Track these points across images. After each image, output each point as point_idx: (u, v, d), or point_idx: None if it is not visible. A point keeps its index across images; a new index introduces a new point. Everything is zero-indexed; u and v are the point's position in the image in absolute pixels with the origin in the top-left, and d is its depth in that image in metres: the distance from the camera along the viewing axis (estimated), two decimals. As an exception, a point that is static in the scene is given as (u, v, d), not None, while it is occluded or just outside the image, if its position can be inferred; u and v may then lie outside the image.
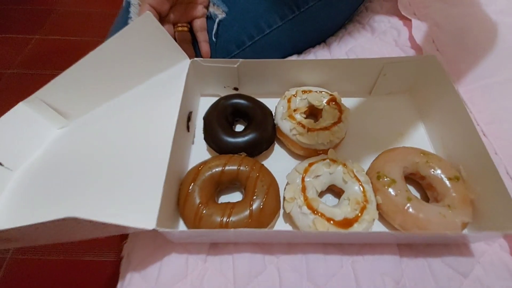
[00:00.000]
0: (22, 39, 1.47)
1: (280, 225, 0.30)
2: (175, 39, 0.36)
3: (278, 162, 0.34)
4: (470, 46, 0.43)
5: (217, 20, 0.38)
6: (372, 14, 0.52)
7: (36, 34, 1.49)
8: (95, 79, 0.32)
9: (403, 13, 0.48)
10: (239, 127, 0.38)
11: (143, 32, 0.30)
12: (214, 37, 0.38)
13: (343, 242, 0.29)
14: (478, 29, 0.44)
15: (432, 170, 0.30)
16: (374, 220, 0.28)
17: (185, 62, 0.34)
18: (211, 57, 0.39)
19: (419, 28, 0.46)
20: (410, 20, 0.47)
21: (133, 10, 0.49)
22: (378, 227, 0.30)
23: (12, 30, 1.52)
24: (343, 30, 0.51)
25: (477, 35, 0.44)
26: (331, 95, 0.35)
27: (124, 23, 0.49)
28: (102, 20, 1.56)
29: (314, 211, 0.27)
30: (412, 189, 0.32)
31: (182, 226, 0.29)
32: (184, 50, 0.34)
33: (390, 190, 0.29)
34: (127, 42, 0.31)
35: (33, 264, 0.80)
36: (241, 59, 0.34)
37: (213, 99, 0.36)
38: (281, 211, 0.30)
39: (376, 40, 0.48)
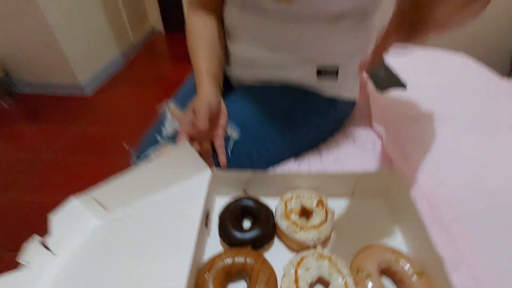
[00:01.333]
0: (63, 129, 1.70)
1: (278, 313, 0.36)
2: (199, 152, 0.48)
3: (277, 255, 0.42)
4: (435, 158, 0.54)
5: (233, 141, 0.51)
6: (353, 127, 0.66)
7: (76, 126, 1.74)
8: (137, 181, 0.44)
9: (375, 129, 0.62)
10: (246, 222, 0.47)
11: (179, 154, 0.43)
12: (230, 153, 0.51)
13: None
14: (439, 143, 0.56)
15: (402, 266, 0.37)
16: (356, 310, 0.33)
17: (208, 172, 0.46)
18: (227, 167, 0.51)
19: (389, 141, 0.58)
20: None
21: (167, 123, 0.64)
22: (362, 317, 0.35)
23: (52, 120, 1.77)
24: (331, 138, 0.65)
25: (439, 147, 0.56)
26: (320, 198, 0.45)
27: (158, 131, 0.64)
28: (131, 115, 1.83)
29: (305, 300, 0.33)
30: (388, 282, 0.38)
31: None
32: (207, 160, 0.47)
33: (368, 282, 0.35)
34: (167, 161, 0.43)
35: None
36: (250, 170, 0.46)
37: (227, 198, 0.47)
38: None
39: (358, 149, 0.61)
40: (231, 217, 0.42)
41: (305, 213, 0.45)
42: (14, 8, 1.62)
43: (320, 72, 0.55)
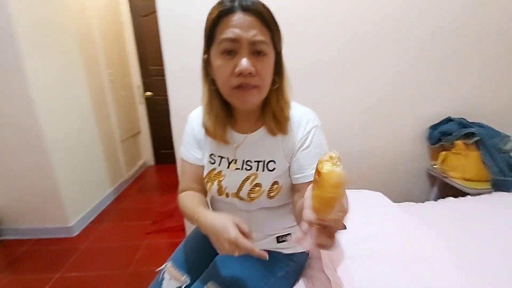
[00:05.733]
0: (42, 279, 1.58)
1: None
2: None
3: None
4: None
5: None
6: (310, 271, 0.84)
7: (57, 272, 1.63)
8: None
9: (326, 271, 0.79)
10: None
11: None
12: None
13: None
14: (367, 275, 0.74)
15: None
16: None
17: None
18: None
19: (333, 278, 0.75)
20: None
21: (165, 283, 0.77)
22: None
23: (32, 269, 1.66)
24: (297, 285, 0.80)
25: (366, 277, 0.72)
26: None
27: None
28: (120, 253, 1.79)
29: None
30: None
31: None
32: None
33: None
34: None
35: None
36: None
37: None
38: None
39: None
40: None
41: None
42: (24, 166, 1.84)
43: (278, 239, 0.76)
